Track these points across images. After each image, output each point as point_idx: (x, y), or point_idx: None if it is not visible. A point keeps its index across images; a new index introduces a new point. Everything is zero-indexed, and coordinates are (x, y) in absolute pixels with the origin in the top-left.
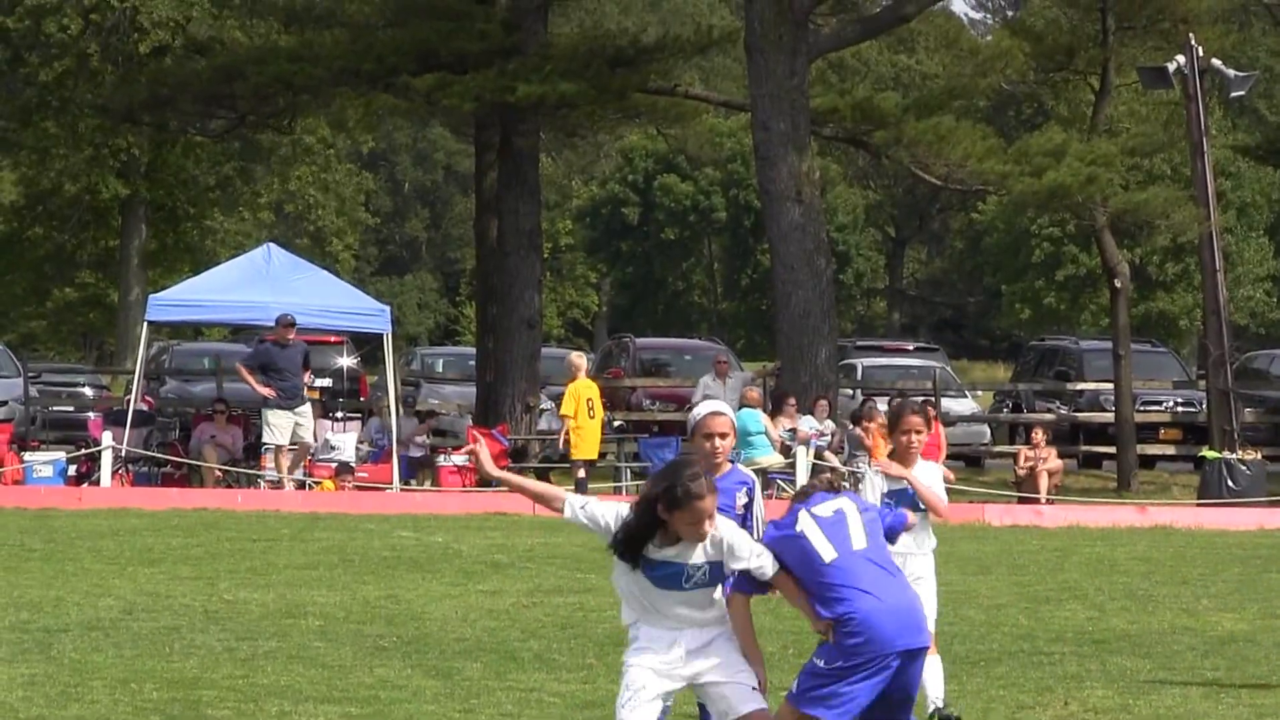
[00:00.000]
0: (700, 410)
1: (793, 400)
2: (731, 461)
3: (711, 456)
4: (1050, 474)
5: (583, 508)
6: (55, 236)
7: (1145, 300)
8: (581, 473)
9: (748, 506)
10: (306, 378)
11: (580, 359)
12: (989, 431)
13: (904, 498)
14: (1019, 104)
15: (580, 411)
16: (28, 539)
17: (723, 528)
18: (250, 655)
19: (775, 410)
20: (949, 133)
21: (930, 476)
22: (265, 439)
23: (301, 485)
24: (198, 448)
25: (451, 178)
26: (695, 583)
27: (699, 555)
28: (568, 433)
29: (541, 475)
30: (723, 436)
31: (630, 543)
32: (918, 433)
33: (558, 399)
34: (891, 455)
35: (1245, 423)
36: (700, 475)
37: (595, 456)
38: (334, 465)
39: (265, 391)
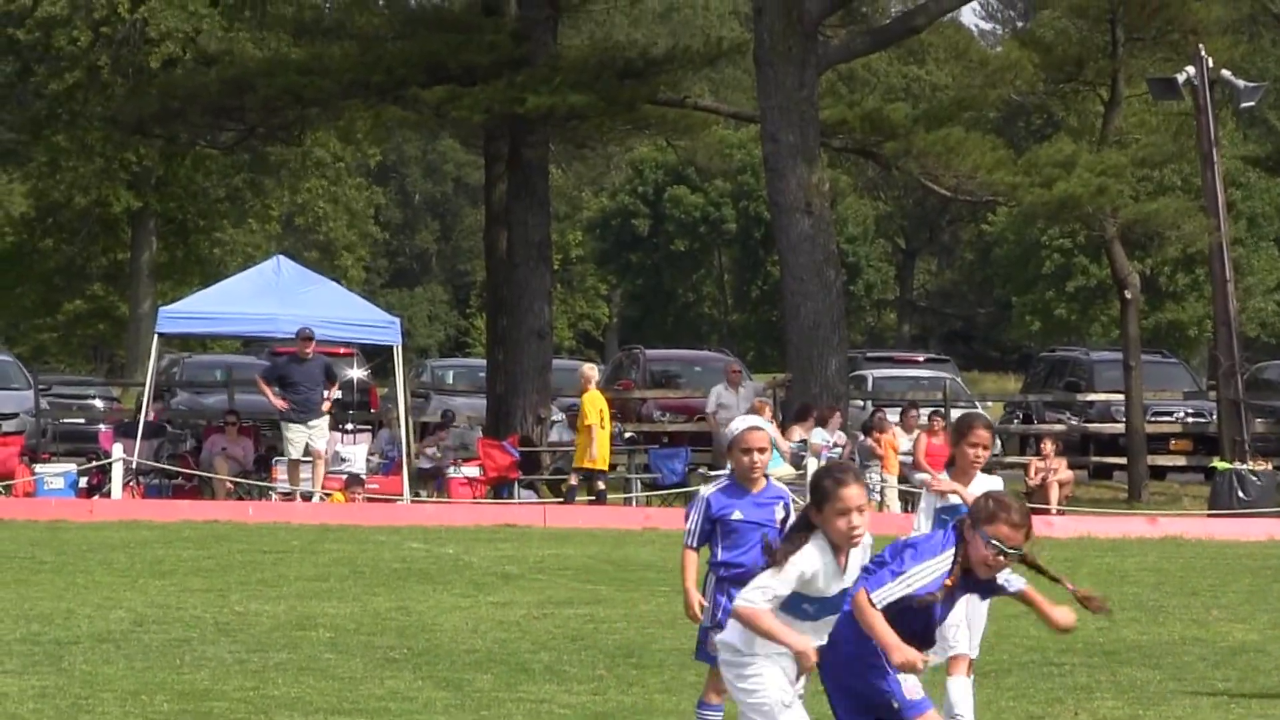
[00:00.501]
0: (737, 425)
1: (816, 412)
2: (765, 477)
3: (749, 471)
4: (1061, 485)
5: (767, 591)
6: (65, 249)
7: (1155, 311)
8: (574, 480)
9: (785, 521)
10: (333, 392)
11: (592, 370)
12: (999, 442)
13: (957, 515)
14: (1029, 115)
15: (596, 421)
16: (38, 551)
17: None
18: (261, 667)
19: (799, 420)
20: (959, 144)
21: (988, 489)
22: (284, 452)
23: (308, 497)
24: (209, 460)
25: (461, 189)
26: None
27: (856, 569)
28: (593, 442)
29: (553, 487)
30: (760, 451)
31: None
32: (984, 447)
33: (569, 410)
34: (951, 465)
35: (1256, 433)
36: (846, 469)
37: (607, 467)
38: (344, 477)
39: (279, 404)
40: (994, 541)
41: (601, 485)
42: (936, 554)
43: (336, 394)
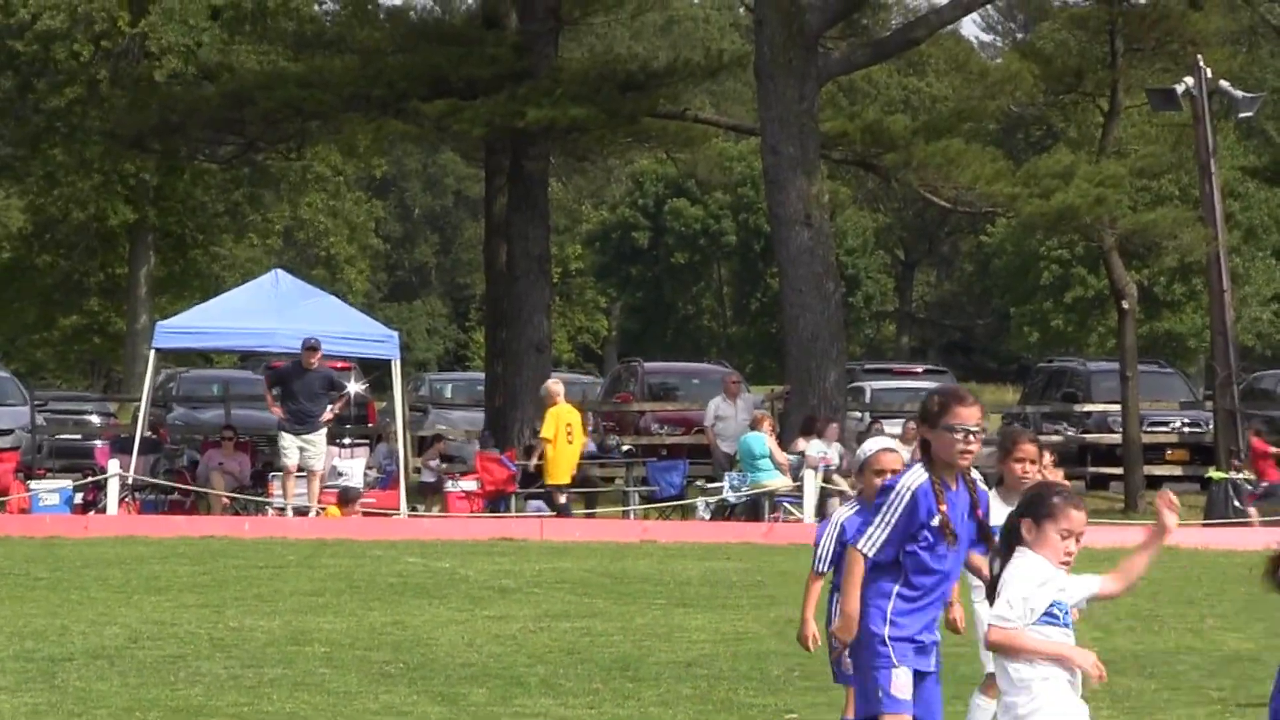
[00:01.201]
0: (870, 446)
1: (821, 424)
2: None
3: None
4: None
5: (1014, 616)
6: (62, 264)
7: (1152, 321)
8: (563, 498)
9: None
10: (338, 408)
11: (557, 385)
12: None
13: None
14: (1028, 126)
15: (559, 436)
16: (33, 567)
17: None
18: (256, 683)
19: (805, 433)
20: (958, 155)
21: None
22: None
23: (304, 512)
24: (205, 475)
25: (461, 203)
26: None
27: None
28: (542, 455)
29: (549, 499)
30: (893, 474)
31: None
32: (1032, 461)
33: (567, 424)
34: (999, 484)
35: None
36: (1073, 491)
37: (568, 481)
38: (338, 490)
39: (275, 411)
40: (954, 425)
41: (563, 499)
42: (894, 488)
43: (338, 409)
